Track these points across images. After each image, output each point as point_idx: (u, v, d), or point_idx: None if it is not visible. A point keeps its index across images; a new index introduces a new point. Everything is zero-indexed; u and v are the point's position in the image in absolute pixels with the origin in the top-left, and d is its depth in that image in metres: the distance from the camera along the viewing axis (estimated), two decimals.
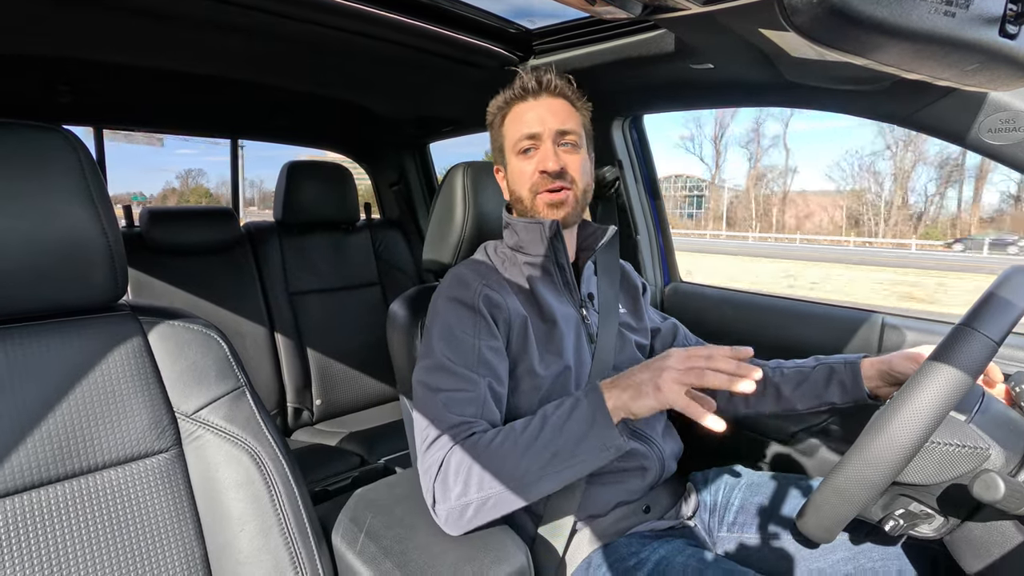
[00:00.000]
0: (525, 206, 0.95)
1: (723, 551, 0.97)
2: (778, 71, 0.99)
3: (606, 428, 0.73)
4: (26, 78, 1.46)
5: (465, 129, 2.13)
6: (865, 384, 0.93)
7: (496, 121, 0.99)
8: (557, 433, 0.75)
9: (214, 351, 0.78)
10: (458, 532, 0.76)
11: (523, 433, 0.76)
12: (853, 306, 1.33)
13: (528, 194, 0.94)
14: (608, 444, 0.73)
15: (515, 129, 0.94)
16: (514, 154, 0.95)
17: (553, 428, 0.75)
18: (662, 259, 1.66)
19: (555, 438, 0.75)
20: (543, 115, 0.93)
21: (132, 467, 0.70)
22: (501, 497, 0.74)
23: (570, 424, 0.75)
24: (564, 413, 0.77)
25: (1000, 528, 0.67)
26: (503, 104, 0.97)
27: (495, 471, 0.74)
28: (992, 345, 0.63)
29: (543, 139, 0.92)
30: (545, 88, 0.93)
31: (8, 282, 0.64)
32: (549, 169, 0.91)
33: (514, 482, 0.74)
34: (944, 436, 0.67)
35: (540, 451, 0.74)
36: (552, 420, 0.76)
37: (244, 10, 1.04)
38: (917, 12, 0.38)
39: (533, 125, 0.92)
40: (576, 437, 0.74)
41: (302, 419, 1.98)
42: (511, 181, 0.97)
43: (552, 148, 0.92)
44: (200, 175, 78.54)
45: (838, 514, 0.67)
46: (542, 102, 0.93)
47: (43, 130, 0.66)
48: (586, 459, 0.74)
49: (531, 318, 0.91)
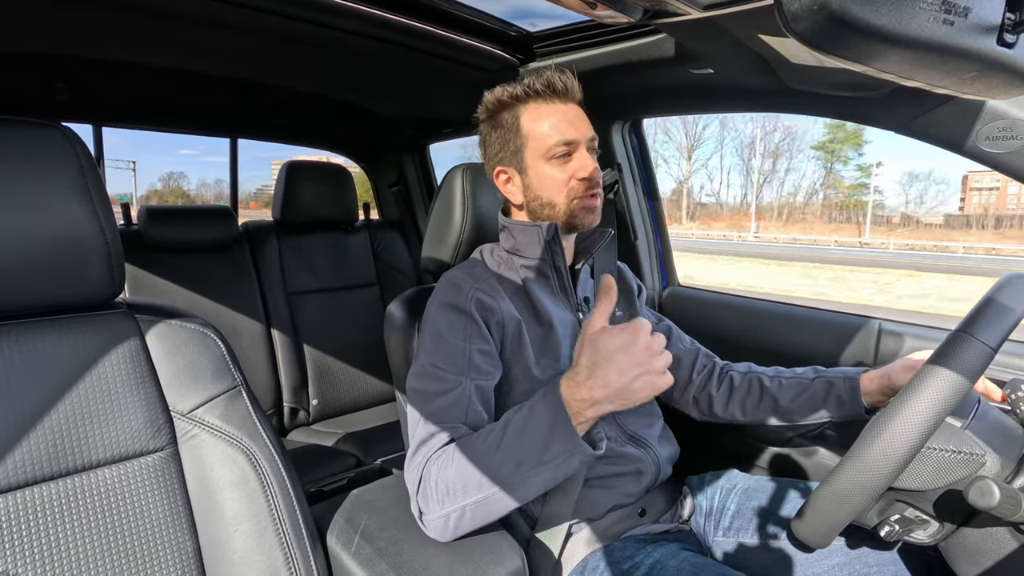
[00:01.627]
0: (557, 212, 0.92)
1: (719, 555, 0.97)
2: (777, 77, 0.99)
3: (568, 435, 0.68)
4: (25, 75, 1.46)
5: (465, 131, 2.13)
6: (865, 399, 0.92)
7: (505, 119, 0.93)
8: (517, 440, 0.71)
9: (211, 350, 0.77)
10: (447, 540, 0.76)
11: (488, 440, 0.73)
12: (850, 311, 1.33)
13: (564, 200, 0.91)
14: (572, 450, 0.68)
15: (544, 132, 0.90)
16: (544, 159, 0.91)
17: (514, 435, 0.71)
18: (660, 263, 1.66)
19: (516, 445, 0.71)
20: (575, 121, 0.90)
21: (127, 466, 0.69)
22: (480, 505, 0.72)
23: (529, 430, 0.70)
24: (522, 418, 0.72)
25: (995, 534, 0.67)
26: (510, 99, 0.92)
27: (466, 480, 0.72)
28: (989, 351, 0.63)
29: (579, 146, 0.90)
30: (571, 92, 0.91)
31: (4, 278, 0.63)
32: (593, 177, 0.90)
33: (486, 490, 0.71)
34: (940, 442, 0.67)
35: (504, 459, 0.71)
36: (512, 427, 0.72)
37: (245, 9, 1.04)
38: (916, 20, 0.38)
39: (569, 131, 0.89)
40: (538, 444, 0.69)
41: (298, 419, 1.97)
42: (536, 186, 0.92)
43: (589, 156, 0.91)
44: (181, 177, 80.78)
45: (834, 519, 0.67)
46: (571, 107, 0.91)
47: (42, 127, 0.66)
48: (553, 466, 0.69)
49: (526, 321, 0.91)
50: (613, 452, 0.92)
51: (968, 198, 49.86)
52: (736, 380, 1.07)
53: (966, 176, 47.70)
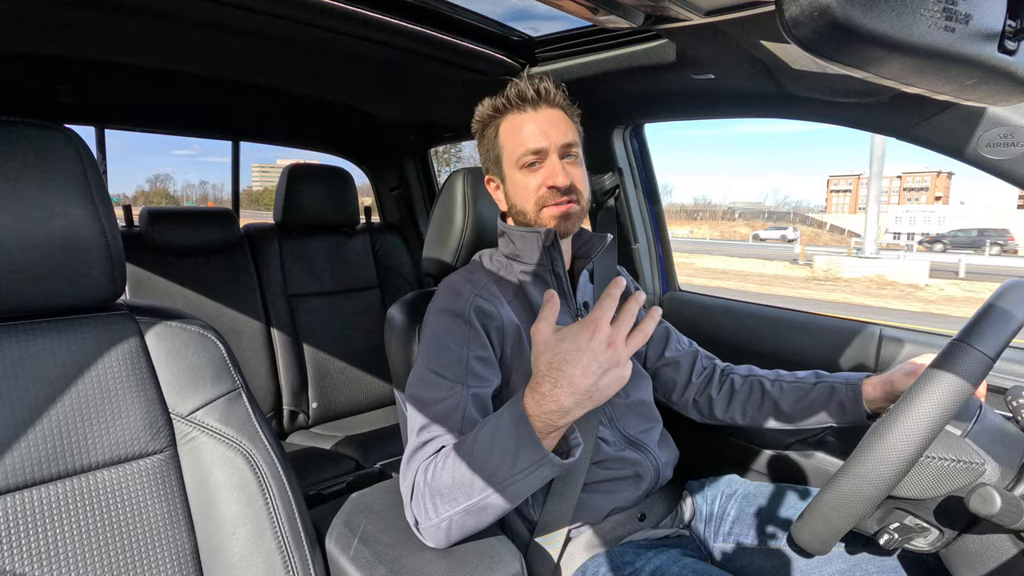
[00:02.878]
0: (529, 219, 0.93)
1: (719, 561, 0.96)
2: (778, 83, 0.99)
3: (532, 448, 0.66)
4: (28, 77, 1.46)
5: (466, 136, 2.13)
6: (868, 405, 0.92)
7: (489, 131, 0.96)
8: (487, 454, 0.69)
9: (211, 352, 0.77)
10: (446, 546, 0.75)
11: (461, 451, 0.72)
12: (851, 317, 1.33)
13: (534, 208, 0.92)
14: (540, 461, 0.66)
15: (516, 142, 0.92)
16: (516, 168, 0.92)
17: (483, 449, 0.70)
18: (661, 268, 1.66)
19: (487, 458, 0.69)
20: (546, 128, 0.91)
21: (126, 468, 0.69)
22: (465, 515, 0.71)
23: (497, 445, 0.69)
24: (488, 433, 0.70)
25: (995, 541, 0.67)
26: (493, 112, 0.95)
27: (449, 492, 0.71)
28: (987, 361, 0.63)
29: (549, 153, 0.90)
30: (544, 98, 0.91)
31: (6, 279, 0.63)
32: (560, 185, 0.89)
33: (467, 502, 0.70)
34: (939, 451, 0.67)
35: (477, 471, 0.69)
36: (481, 440, 0.71)
37: (247, 12, 1.04)
38: (917, 27, 0.38)
39: (538, 139, 0.90)
40: (507, 457, 0.67)
41: (298, 422, 1.97)
42: (512, 195, 0.95)
43: (559, 163, 0.90)
44: (167, 179, 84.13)
45: (834, 526, 0.66)
46: (542, 113, 0.91)
47: (45, 128, 0.66)
48: (525, 477, 0.67)
49: (525, 327, 0.91)
50: (612, 456, 0.92)
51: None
52: (737, 383, 1.06)
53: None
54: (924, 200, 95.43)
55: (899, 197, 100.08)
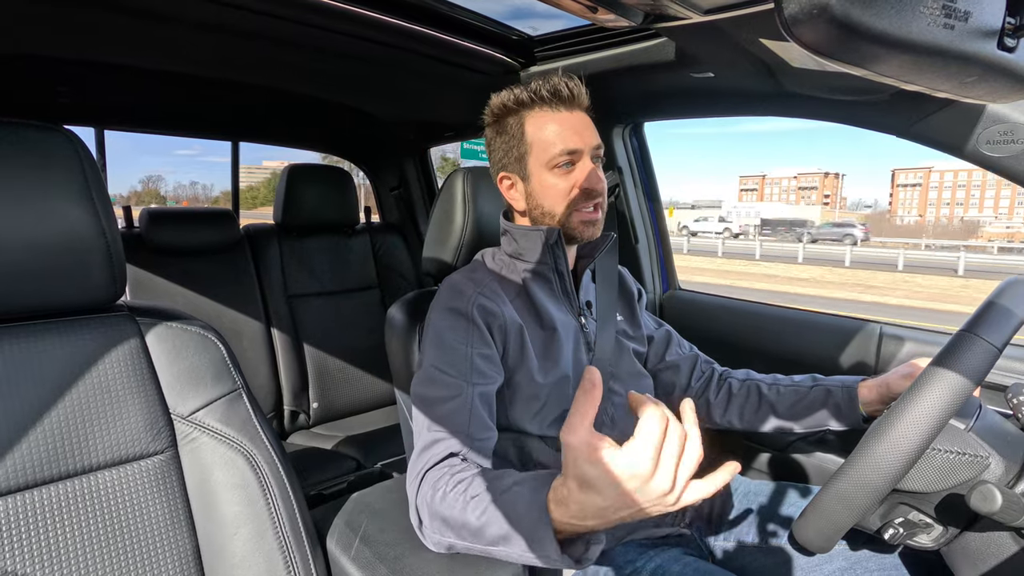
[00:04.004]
0: (556, 221, 0.91)
1: (720, 559, 0.97)
2: (778, 81, 0.99)
3: (549, 550, 0.58)
4: (28, 79, 1.46)
5: (466, 135, 2.13)
6: (864, 408, 0.92)
7: (511, 125, 0.91)
8: (501, 522, 0.63)
9: (211, 353, 0.77)
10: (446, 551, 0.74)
11: (474, 499, 0.67)
12: (851, 315, 1.33)
13: (565, 211, 0.90)
14: (555, 561, 0.59)
15: (548, 140, 0.89)
16: (546, 168, 0.89)
17: (497, 520, 0.63)
18: (661, 267, 1.66)
19: (501, 525, 0.63)
20: (581, 130, 0.89)
21: (127, 469, 0.69)
22: (466, 548, 0.69)
23: (513, 526, 0.62)
24: (505, 509, 0.63)
25: (997, 539, 0.67)
26: (515, 104, 0.90)
27: (455, 527, 0.68)
28: (994, 351, 0.63)
29: (583, 156, 0.89)
30: (577, 100, 0.89)
31: (6, 281, 0.63)
32: (597, 188, 0.89)
33: (471, 543, 0.67)
34: (944, 443, 0.67)
35: (488, 534, 0.64)
36: (499, 503, 0.64)
37: (246, 13, 1.04)
38: (916, 24, 0.38)
39: (574, 140, 0.88)
40: (522, 542, 0.61)
41: (299, 422, 1.97)
42: (538, 195, 0.91)
43: (593, 166, 0.89)
44: (158, 180, 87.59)
45: (837, 522, 0.66)
46: (577, 115, 0.90)
47: (44, 129, 0.66)
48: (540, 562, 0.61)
49: (528, 326, 0.91)
50: None
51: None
52: (734, 387, 1.06)
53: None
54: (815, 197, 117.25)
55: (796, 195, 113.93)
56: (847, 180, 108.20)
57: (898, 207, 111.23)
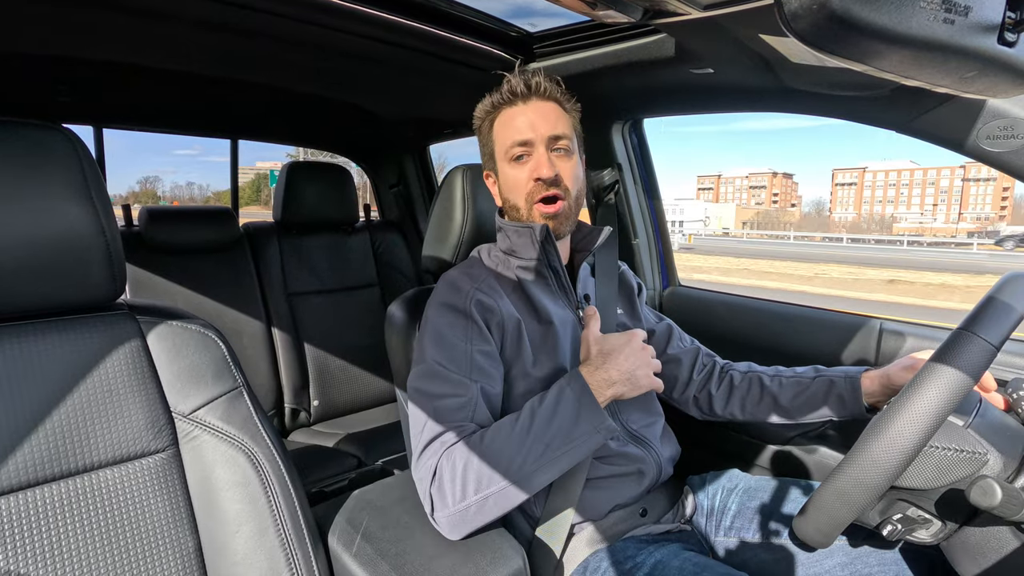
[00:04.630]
0: (521, 214, 0.94)
1: (721, 555, 0.97)
2: (778, 76, 0.99)
3: (594, 412, 0.77)
4: (27, 78, 1.46)
5: (465, 132, 2.13)
6: (866, 399, 0.92)
7: (484, 127, 0.97)
8: (547, 424, 0.77)
9: (212, 351, 0.77)
10: (459, 536, 0.76)
11: (514, 429, 0.77)
12: (851, 311, 1.33)
13: (525, 203, 0.92)
14: (599, 427, 0.76)
15: (505, 135, 0.92)
16: (506, 161, 0.93)
17: (543, 420, 0.77)
18: (661, 263, 1.66)
19: (546, 429, 0.76)
20: (534, 120, 0.91)
21: (128, 467, 0.69)
22: (502, 495, 0.74)
23: (559, 413, 0.77)
24: (551, 403, 0.79)
25: (996, 533, 0.67)
26: (490, 108, 0.95)
27: (490, 470, 0.74)
28: (991, 349, 0.63)
29: (536, 145, 0.90)
30: (534, 91, 0.91)
31: (6, 280, 0.63)
32: (544, 176, 0.89)
33: (511, 477, 0.74)
34: (942, 441, 0.67)
35: (533, 444, 0.75)
36: (541, 412, 0.78)
37: (245, 11, 1.04)
38: (917, 19, 0.38)
39: (524, 131, 0.90)
40: (567, 425, 0.76)
41: (299, 420, 1.97)
42: (504, 189, 0.96)
43: (546, 154, 0.90)
44: (155, 180, 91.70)
45: (836, 518, 0.67)
46: (532, 106, 0.92)
47: (43, 128, 0.66)
48: (579, 444, 0.76)
49: (525, 321, 0.91)
50: (615, 452, 0.92)
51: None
52: (736, 379, 1.07)
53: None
54: (764, 196, 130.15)
55: (747, 194, 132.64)
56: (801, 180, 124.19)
57: (836, 205, 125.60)
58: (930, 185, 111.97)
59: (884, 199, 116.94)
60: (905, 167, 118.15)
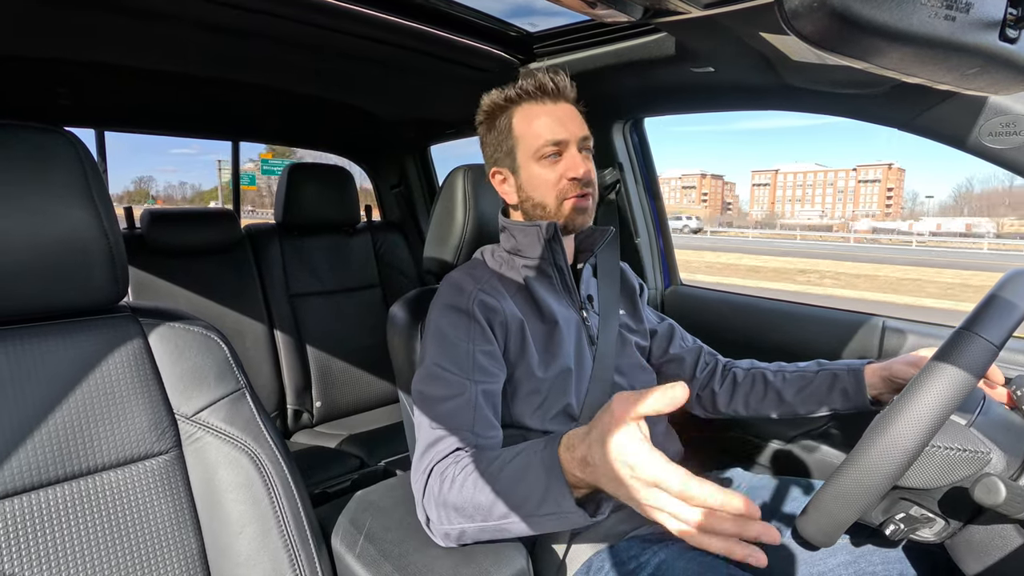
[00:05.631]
0: (548, 212, 0.93)
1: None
2: (778, 75, 0.99)
3: (562, 500, 0.62)
4: (28, 80, 1.46)
5: (466, 132, 2.13)
6: (869, 391, 0.92)
7: (500, 121, 0.94)
8: (512, 489, 0.66)
9: (214, 353, 0.77)
10: (453, 546, 0.76)
11: (483, 477, 0.69)
12: (854, 309, 1.33)
13: (555, 201, 0.92)
14: (567, 514, 0.62)
15: (534, 132, 0.91)
16: (534, 159, 0.92)
17: (509, 482, 0.67)
18: (662, 262, 1.66)
19: (511, 494, 0.66)
20: (565, 120, 0.91)
21: (132, 469, 0.70)
22: (479, 531, 0.71)
23: (524, 485, 0.65)
24: (518, 469, 0.67)
25: (1001, 532, 0.67)
26: (504, 102, 0.93)
27: (463, 509, 0.70)
28: (993, 349, 0.63)
29: (569, 145, 0.91)
30: (563, 93, 0.92)
31: (9, 283, 0.64)
32: (581, 176, 0.90)
33: (481, 523, 0.69)
34: (945, 440, 0.66)
35: (498, 503, 0.67)
36: (507, 475, 0.68)
37: (245, 12, 1.04)
38: (917, 16, 0.38)
39: (558, 131, 0.90)
40: (532, 500, 0.64)
41: (302, 421, 1.98)
42: (527, 187, 0.93)
43: (579, 155, 0.91)
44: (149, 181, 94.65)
45: (839, 518, 0.66)
46: (562, 106, 0.92)
47: (45, 131, 0.66)
48: (550, 522, 0.64)
49: (529, 321, 0.91)
50: None
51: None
52: (739, 376, 1.07)
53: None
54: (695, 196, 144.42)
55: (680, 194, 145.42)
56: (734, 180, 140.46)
57: (753, 203, 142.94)
58: (830, 186, 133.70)
59: (793, 198, 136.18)
60: (811, 169, 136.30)
